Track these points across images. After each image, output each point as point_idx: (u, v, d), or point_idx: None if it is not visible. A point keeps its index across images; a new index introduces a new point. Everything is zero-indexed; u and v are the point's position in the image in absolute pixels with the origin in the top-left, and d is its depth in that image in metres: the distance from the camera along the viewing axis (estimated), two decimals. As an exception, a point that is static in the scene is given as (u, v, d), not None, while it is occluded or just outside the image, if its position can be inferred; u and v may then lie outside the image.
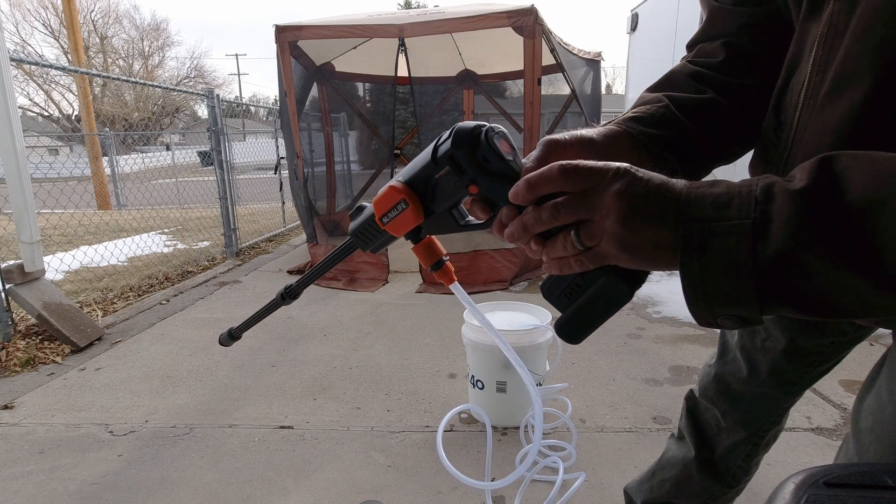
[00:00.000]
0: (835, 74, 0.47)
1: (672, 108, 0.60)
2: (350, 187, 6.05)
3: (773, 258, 0.36)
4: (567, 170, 0.43)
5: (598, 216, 0.42)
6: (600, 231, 0.42)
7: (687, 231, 0.39)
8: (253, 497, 1.54)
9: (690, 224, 0.39)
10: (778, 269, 0.36)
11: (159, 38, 30.27)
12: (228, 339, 0.84)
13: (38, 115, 25.75)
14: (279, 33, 3.95)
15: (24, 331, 2.71)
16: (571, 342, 0.49)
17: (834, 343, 0.80)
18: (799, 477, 0.37)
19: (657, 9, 5.37)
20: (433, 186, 0.51)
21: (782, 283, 0.36)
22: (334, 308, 3.29)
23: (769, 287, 0.37)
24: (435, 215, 0.54)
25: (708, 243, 0.38)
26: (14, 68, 3.44)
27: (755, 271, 0.37)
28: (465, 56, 5.56)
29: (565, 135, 0.54)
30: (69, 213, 6.46)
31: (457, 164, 0.48)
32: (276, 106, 5.64)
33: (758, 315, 0.39)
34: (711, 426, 1.00)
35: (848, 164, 0.35)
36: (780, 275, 0.36)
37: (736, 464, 0.99)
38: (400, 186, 0.52)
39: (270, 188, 6.72)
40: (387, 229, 0.55)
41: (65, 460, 1.72)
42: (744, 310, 0.39)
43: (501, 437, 1.83)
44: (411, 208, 0.52)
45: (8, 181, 2.60)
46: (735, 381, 0.93)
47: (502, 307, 2.01)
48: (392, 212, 0.54)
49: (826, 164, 0.36)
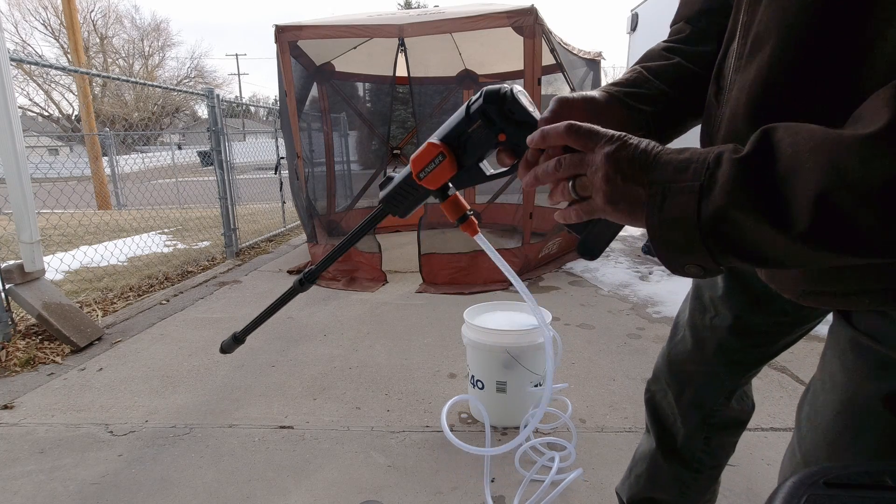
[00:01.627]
0: (753, 37, 0.53)
1: (644, 72, 0.72)
2: (350, 187, 6.05)
3: (713, 215, 0.43)
4: (572, 128, 0.52)
5: (590, 172, 0.51)
6: (590, 185, 0.51)
7: (651, 190, 0.47)
8: (253, 497, 1.54)
9: (654, 185, 0.47)
10: (716, 224, 0.43)
11: (159, 39, 30.29)
12: (232, 343, 0.90)
13: (38, 115, 25.75)
14: (279, 33, 3.95)
15: (24, 331, 2.71)
16: (591, 258, 0.61)
17: (777, 323, 0.85)
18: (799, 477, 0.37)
19: (657, 9, 5.37)
20: (465, 141, 0.62)
21: (722, 236, 0.43)
22: (334, 308, 3.29)
23: (713, 239, 0.44)
24: (465, 168, 0.63)
25: (665, 201, 0.46)
26: (14, 68, 3.45)
27: (699, 226, 0.44)
28: (465, 56, 5.56)
29: (575, 94, 0.66)
30: (69, 213, 6.46)
31: (488, 116, 0.59)
32: (276, 106, 5.65)
33: (712, 264, 0.46)
34: (668, 415, 1.03)
35: (781, 136, 0.41)
36: (718, 229, 0.43)
37: (699, 448, 1.02)
38: (437, 142, 0.62)
39: (270, 188, 6.72)
40: (423, 184, 0.64)
41: (65, 460, 1.72)
42: (699, 259, 0.46)
43: (501, 437, 1.83)
44: (448, 160, 0.62)
45: (8, 181, 2.60)
46: (684, 359, 0.97)
47: (502, 307, 2.01)
48: (429, 166, 0.63)
49: (765, 135, 0.42)
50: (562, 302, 3.29)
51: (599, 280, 3.84)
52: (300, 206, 4.53)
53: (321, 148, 5.29)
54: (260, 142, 9.86)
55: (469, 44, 5.23)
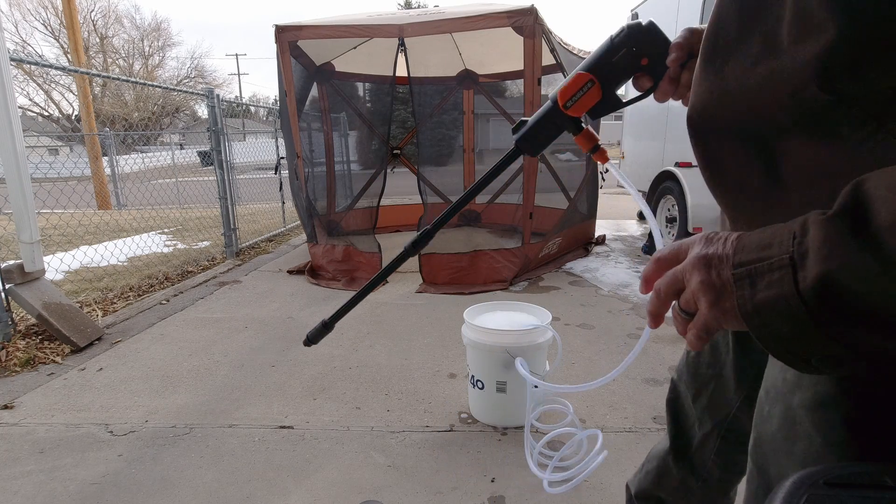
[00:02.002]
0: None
1: None
2: (350, 187, 6.04)
3: (814, 284, 0.37)
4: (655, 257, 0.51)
5: (686, 281, 0.46)
6: (692, 296, 0.46)
7: (735, 277, 0.41)
8: (253, 497, 1.54)
9: (738, 269, 0.41)
10: (822, 293, 0.37)
11: (160, 39, 30.27)
12: (322, 330, 1.06)
13: (38, 115, 25.74)
14: (279, 33, 3.95)
15: (24, 331, 2.71)
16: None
17: None
18: (799, 476, 0.37)
19: (657, 9, 5.37)
20: (610, 69, 0.70)
21: (831, 306, 0.37)
22: (334, 308, 3.28)
23: (823, 314, 0.37)
24: (605, 97, 0.72)
25: (756, 283, 0.40)
26: (14, 68, 3.44)
27: (803, 301, 0.37)
28: (465, 56, 5.56)
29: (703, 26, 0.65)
30: (69, 213, 6.46)
31: (633, 43, 0.69)
32: (276, 106, 5.64)
33: (839, 348, 0.38)
34: (689, 415, 1.02)
35: (875, 184, 0.37)
36: (826, 299, 0.37)
37: (709, 458, 0.99)
38: (584, 72, 0.71)
39: (270, 188, 6.71)
40: (569, 112, 0.73)
41: (65, 460, 1.72)
42: (815, 343, 0.39)
43: (501, 437, 1.83)
44: (595, 87, 0.71)
45: (8, 181, 2.60)
46: (700, 362, 0.96)
47: (502, 307, 2.01)
48: (577, 94, 0.71)
49: (856, 187, 0.37)
50: (562, 302, 3.29)
51: (599, 280, 3.84)
52: (300, 205, 4.52)
53: (321, 148, 5.29)
54: (260, 142, 9.85)
55: (469, 44, 5.23)
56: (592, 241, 5.02)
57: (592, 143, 0.76)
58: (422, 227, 3.86)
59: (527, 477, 1.60)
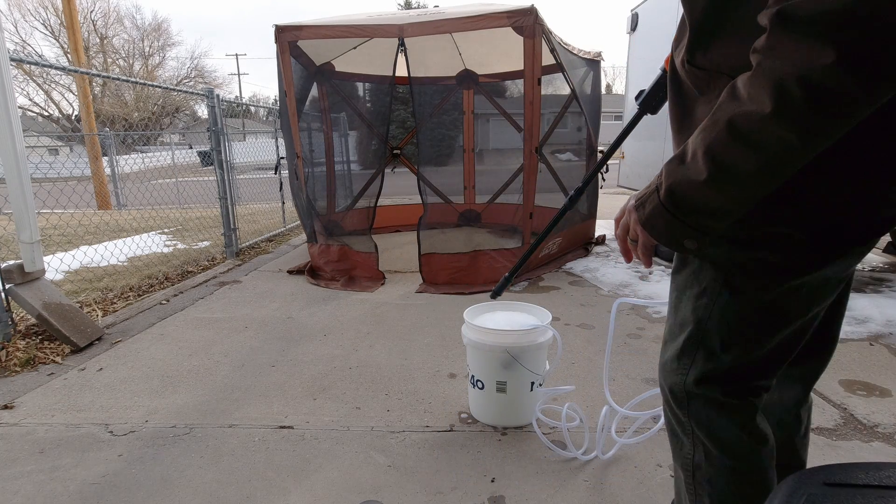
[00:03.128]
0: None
1: None
2: (350, 187, 6.04)
3: (665, 193, 0.71)
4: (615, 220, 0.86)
5: (629, 220, 0.81)
6: (632, 228, 0.80)
7: (635, 206, 0.78)
8: (253, 497, 1.54)
9: (637, 201, 0.78)
10: (670, 197, 0.71)
11: (160, 38, 30.29)
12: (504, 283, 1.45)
13: (38, 115, 25.75)
14: (279, 33, 3.95)
15: (24, 331, 2.71)
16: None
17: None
18: (799, 476, 0.37)
19: (657, 9, 5.36)
20: None
21: (675, 203, 0.70)
22: (334, 308, 3.29)
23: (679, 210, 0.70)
24: None
25: (644, 205, 0.76)
26: (14, 68, 3.44)
27: (664, 206, 0.72)
28: (465, 56, 5.56)
29: None
30: (69, 213, 6.46)
31: None
32: (276, 106, 5.64)
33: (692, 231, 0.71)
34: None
35: (692, 138, 0.68)
36: (672, 199, 0.71)
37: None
38: None
39: (270, 188, 6.71)
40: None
41: (65, 460, 1.73)
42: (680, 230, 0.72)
43: (502, 438, 1.83)
44: None
45: (8, 181, 2.60)
46: None
47: (502, 307, 2.01)
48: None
49: (686, 141, 0.70)
50: (562, 302, 3.29)
51: (599, 280, 3.84)
52: (300, 205, 4.52)
53: (321, 148, 5.29)
54: (260, 142, 9.85)
55: (469, 44, 5.23)
56: (592, 241, 5.02)
57: None
58: (423, 227, 3.87)
59: (527, 477, 1.60)
